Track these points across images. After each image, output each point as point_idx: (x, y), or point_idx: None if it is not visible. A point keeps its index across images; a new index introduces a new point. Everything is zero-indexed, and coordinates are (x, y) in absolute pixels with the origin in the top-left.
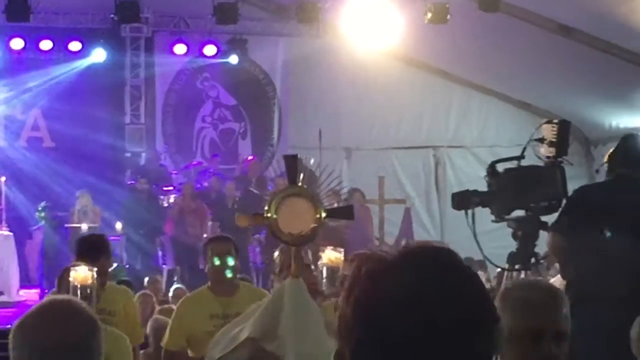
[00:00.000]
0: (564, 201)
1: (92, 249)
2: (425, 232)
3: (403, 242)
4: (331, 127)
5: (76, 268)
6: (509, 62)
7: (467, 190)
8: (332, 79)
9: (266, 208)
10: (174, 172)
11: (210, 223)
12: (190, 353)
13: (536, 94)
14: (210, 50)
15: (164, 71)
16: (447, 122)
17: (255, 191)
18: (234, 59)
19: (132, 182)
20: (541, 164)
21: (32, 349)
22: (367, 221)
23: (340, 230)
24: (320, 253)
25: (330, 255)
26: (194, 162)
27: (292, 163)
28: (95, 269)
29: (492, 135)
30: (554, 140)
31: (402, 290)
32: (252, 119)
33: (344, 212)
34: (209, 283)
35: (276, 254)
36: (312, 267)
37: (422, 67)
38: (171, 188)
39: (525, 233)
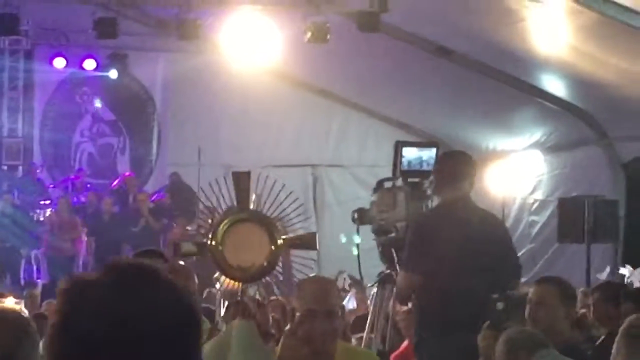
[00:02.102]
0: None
1: None
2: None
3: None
4: (211, 144)
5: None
6: (388, 82)
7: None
8: (212, 95)
9: (210, 236)
10: (51, 185)
11: (85, 239)
12: None
13: (415, 115)
14: (89, 64)
15: (43, 84)
16: (327, 141)
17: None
18: (113, 74)
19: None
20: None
21: None
22: None
23: None
24: None
25: None
26: (72, 177)
27: (244, 181)
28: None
29: (371, 155)
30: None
31: (104, 304)
32: (131, 135)
33: (306, 240)
34: None
35: (217, 286)
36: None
37: (302, 85)
38: (48, 202)
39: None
